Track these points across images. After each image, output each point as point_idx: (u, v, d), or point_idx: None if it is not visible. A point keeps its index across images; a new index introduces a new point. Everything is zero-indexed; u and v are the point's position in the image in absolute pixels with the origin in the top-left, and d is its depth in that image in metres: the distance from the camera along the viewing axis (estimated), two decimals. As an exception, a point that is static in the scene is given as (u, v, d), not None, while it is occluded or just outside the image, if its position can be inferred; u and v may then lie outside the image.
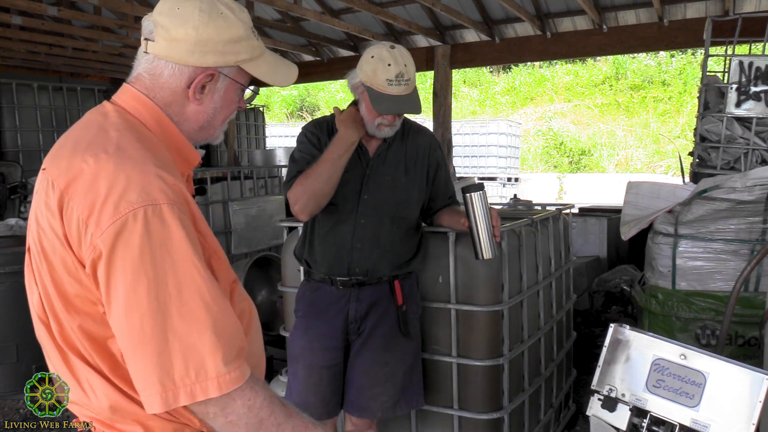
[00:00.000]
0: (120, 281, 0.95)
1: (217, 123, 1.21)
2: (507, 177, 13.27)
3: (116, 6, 5.44)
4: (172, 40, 1.11)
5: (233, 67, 1.16)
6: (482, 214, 2.01)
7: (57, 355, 1.09)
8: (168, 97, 1.14)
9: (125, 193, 0.97)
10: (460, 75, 18.93)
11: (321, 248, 2.21)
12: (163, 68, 1.13)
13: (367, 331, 2.20)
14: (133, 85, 1.16)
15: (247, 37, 1.16)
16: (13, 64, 7.64)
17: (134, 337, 0.96)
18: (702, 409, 1.51)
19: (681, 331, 3.41)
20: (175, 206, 0.99)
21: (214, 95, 1.17)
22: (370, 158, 2.18)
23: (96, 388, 1.06)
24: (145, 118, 1.13)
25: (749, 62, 3.83)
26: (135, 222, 0.95)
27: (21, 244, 3.36)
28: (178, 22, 1.10)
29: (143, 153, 1.04)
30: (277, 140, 14.32)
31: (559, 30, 6.28)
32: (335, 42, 7.39)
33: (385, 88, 2.00)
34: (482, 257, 2.05)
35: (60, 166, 1.04)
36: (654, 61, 17.32)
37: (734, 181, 3.20)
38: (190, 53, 1.11)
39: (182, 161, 1.18)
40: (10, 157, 7.48)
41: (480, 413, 2.44)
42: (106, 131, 1.07)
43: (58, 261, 1.02)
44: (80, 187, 0.99)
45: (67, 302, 1.04)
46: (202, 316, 0.97)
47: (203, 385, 0.96)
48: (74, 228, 0.99)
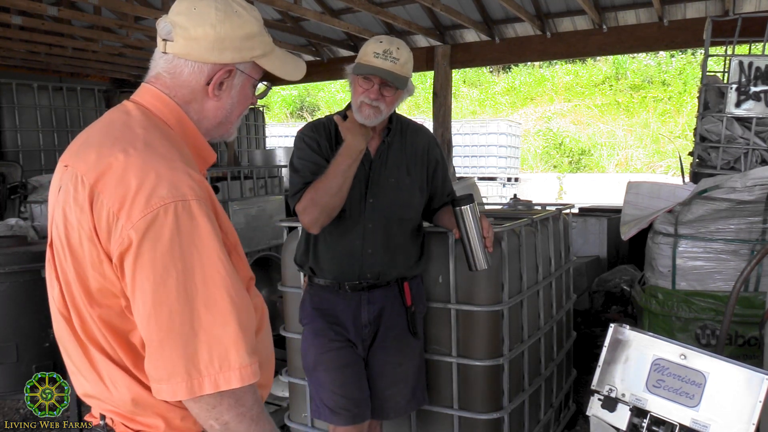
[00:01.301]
0: (149, 273, 0.98)
1: (233, 118, 1.24)
2: (507, 177, 13.26)
3: (116, 6, 5.43)
4: (191, 39, 1.14)
5: (248, 63, 1.20)
6: (473, 226, 2.02)
7: (78, 350, 1.11)
8: (188, 95, 1.18)
9: (156, 188, 1.00)
10: (460, 75, 18.93)
11: (329, 255, 2.17)
12: (183, 67, 1.16)
13: (380, 333, 2.19)
14: (153, 85, 1.18)
15: (260, 33, 1.21)
16: (13, 64, 7.64)
17: (162, 327, 0.99)
18: (702, 409, 1.51)
19: (681, 331, 3.41)
20: (202, 202, 1.03)
21: (231, 91, 1.20)
22: (372, 160, 2.16)
23: (117, 381, 1.08)
24: (166, 116, 1.16)
25: (749, 62, 3.83)
26: (166, 216, 0.99)
27: (21, 244, 3.38)
28: (196, 22, 1.14)
29: (170, 150, 1.08)
30: (277, 140, 14.31)
31: (559, 30, 6.28)
32: (335, 42, 7.39)
33: (370, 60, 2.01)
34: (475, 269, 2.06)
35: (88, 162, 1.06)
36: (654, 61, 17.32)
37: (734, 181, 3.20)
38: (209, 51, 1.15)
39: (200, 159, 1.21)
40: (10, 157, 7.48)
41: (480, 413, 2.44)
42: (132, 128, 1.10)
43: (84, 255, 1.05)
44: (110, 181, 1.02)
45: (89, 296, 1.06)
46: (227, 309, 1.01)
47: (226, 375, 1.00)
48: (104, 221, 1.02)
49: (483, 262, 2.05)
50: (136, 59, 7.69)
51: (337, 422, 2.14)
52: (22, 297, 3.12)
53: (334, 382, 2.15)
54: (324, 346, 2.17)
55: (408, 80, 2.06)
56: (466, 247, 2.04)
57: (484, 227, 2.04)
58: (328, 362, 2.16)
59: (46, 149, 7.93)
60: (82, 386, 1.14)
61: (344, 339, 2.17)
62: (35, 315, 3.15)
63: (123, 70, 8.37)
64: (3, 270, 3.07)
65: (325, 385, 2.16)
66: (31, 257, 3.15)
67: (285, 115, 20.85)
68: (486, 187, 11.92)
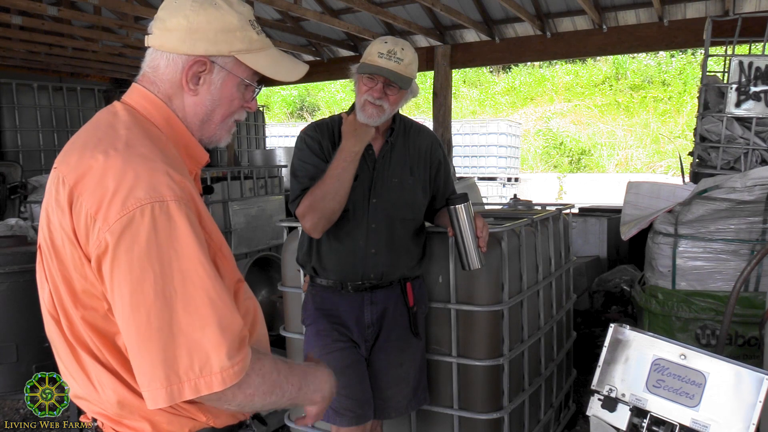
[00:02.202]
0: (126, 276, 0.97)
1: (216, 118, 1.20)
2: (507, 177, 13.26)
3: (116, 6, 5.43)
4: (166, 30, 1.14)
5: (229, 58, 1.17)
6: (467, 225, 2.02)
7: (67, 351, 1.10)
8: (168, 89, 1.16)
9: (133, 189, 0.98)
10: (460, 75, 18.93)
11: (332, 255, 2.17)
12: (159, 59, 1.16)
13: (383, 334, 2.20)
14: (140, 83, 1.18)
15: (242, 27, 1.17)
16: (13, 64, 7.64)
17: (141, 332, 0.97)
18: (702, 409, 1.51)
19: (681, 331, 3.41)
20: (182, 203, 1.01)
21: (210, 86, 1.17)
22: (375, 160, 2.16)
23: (104, 383, 1.07)
24: (154, 116, 1.15)
25: (749, 62, 3.83)
26: (142, 218, 0.97)
27: (21, 244, 3.38)
28: (172, 13, 1.14)
29: (152, 150, 1.06)
30: (277, 140, 14.32)
31: (559, 30, 6.28)
32: (335, 42, 7.39)
33: (374, 60, 2.01)
34: (469, 268, 2.06)
35: (69, 163, 1.06)
36: (654, 61, 17.32)
37: (734, 181, 3.20)
38: (181, 41, 1.13)
39: (190, 160, 1.19)
40: (10, 157, 7.48)
41: (480, 413, 2.44)
42: (116, 129, 1.09)
43: (67, 257, 1.04)
44: (89, 183, 1.01)
45: (75, 298, 1.05)
46: (207, 312, 0.99)
47: (207, 379, 0.97)
48: (83, 223, 1.01)
49: (476, 262, 2.05)
50: (136, 59, 7.66)
51: (341, 423, 2.14)
52: (22, 297, 3.12)
53: (337, 383, 2.14)
54: (327, 347, 2.16)
55: (412, 81, 2.07)
56: (460, 246, 2.05)
57: (478, 226, 2.04)
58: (332, 363, 2.13)
59: (46, 149, 7.94)
60: (73, 388, 1.13)
61: (347, 339, 2.17)
62: (35, 315, 3.11)
63: (123, 70, 8.37)
64: (3, 270, 3.07)
65: None
66: (31, 257, 3.12)
67: (285, 115, 20.86)
68: (486, 187, 11.92)
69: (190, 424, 1.10)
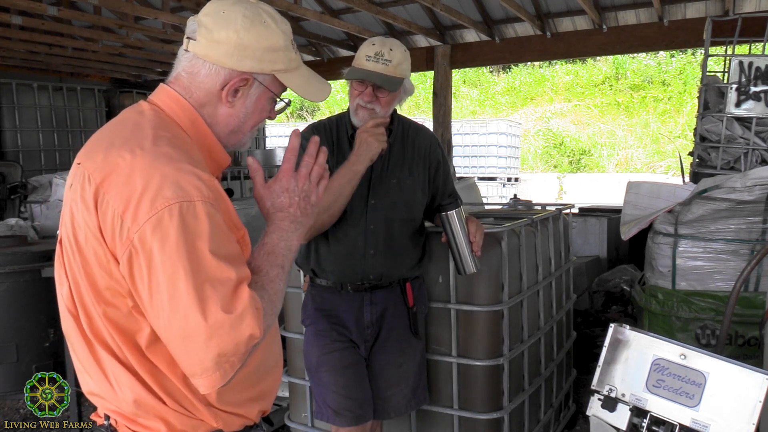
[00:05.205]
0: (160, 275, 0.98)
1: (246, 128, 1.24)
2: (507, 177, 13.26)
3: (116, 6, 5.43)
4: (214, 41, 1.14)
5: (268, 76, 1.20)
6: (459, 231, 2.04)
7: (84, 347, 1.11)
8: (203, 97, 1.18)
9: (161, 189, 1.00)
10: (460, 75, 18.92)
11: (331, 257, 2.16)
12: (200, 67, 1.17)
13: (382, 334, 2.19)
14: (171, 86, 1.19)
15: (285, 48, 1.20)
16: (13, 64, 7.65)
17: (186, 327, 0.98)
18: (702, 409, 1.52)
19: (681, 331, 3.41)
20: (209, 203, 1.03)
21: (246, 100, 1.20)
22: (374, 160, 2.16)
23: (121, 381, 1.08)
24: (180, 117, 1.16)
25: (749, 62, 3.83)
26: (171, 217, 0.98)
27: (21, 244, 3.38)
28: (221, 25, 1.14)
29: (178, 151, 1.07)
30: (277, 140, 14.31)
31: (559, 30, 6.28)
32: (335, 42, 7.39)
33: (362, 63, 2.01)
34: (463, 272, 2.09)
35: (96, 161, 1.07)
36: (654, 61, 17.32)
37: (734, 181, 3.20)
38: (228, 56, 1.15)
39: (213, 162, 1.21)
40: (10, 157, 7.48)
41: (480, 413, 2.44)
42: (143, 128, 1.10)
43: (90, 253, 1.05)
44: (116, 181, 1.02)
45: (97, 294, 1.07)
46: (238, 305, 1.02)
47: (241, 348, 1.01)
48: (109, 222, 1.02)
49: (471, 266, 2.07)
50: (136, 59, 7.70)
51: (341, 423, 2.14)
52: (22, 297, 3.12)
53: (337, 384, 2.14)
54: (327, 347, 2.16)
55: (402, 81, 2.05)
56: (453, 251, 2.08)
57: (471, 231, 2.06)
58: (331, 363, 2.16)
59: (46, 149, 7.92)
60: (87, 384, 1.14)
61: (347, 339, 2.17)
62: (35, 315, 3.15)
63: (123, 70, 8.37)
64: (3, 270, 3.07)
65: (329, 386, 2.15)
66: (31, 257, 3.15)
67: (285, 115, 20.85)
68: (486, 187, 11.92)
69: (202, 427, 1.13)
